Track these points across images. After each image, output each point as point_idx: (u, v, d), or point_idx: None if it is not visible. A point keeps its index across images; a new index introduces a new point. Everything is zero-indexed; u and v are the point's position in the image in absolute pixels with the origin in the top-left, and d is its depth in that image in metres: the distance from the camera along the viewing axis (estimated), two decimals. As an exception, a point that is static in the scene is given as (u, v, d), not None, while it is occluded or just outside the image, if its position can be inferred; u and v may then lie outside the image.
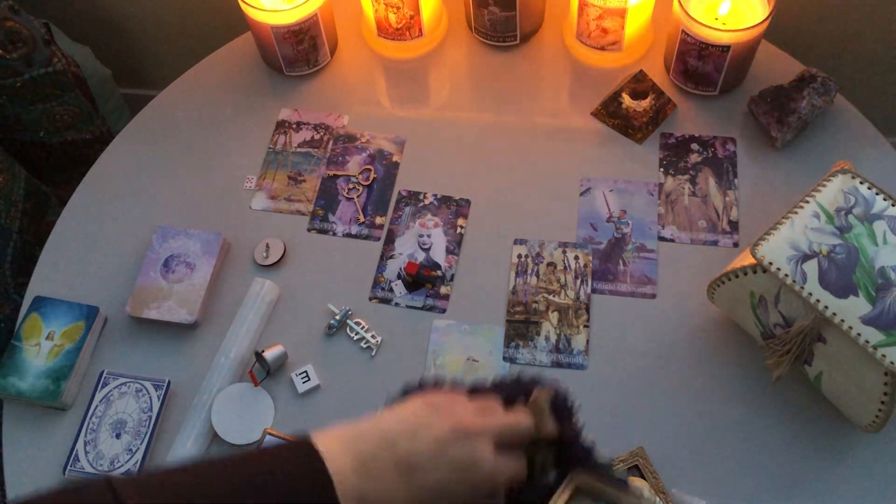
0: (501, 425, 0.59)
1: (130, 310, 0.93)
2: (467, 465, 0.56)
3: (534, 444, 0.63)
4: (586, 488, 0.64)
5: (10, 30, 1.17)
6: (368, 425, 0.56)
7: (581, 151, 1.03)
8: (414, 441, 0.55)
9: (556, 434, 0.63)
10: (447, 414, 0.57)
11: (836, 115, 1.02)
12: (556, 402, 0.64)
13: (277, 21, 1.02)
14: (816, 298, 0.74)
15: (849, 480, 0.82)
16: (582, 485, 0.64)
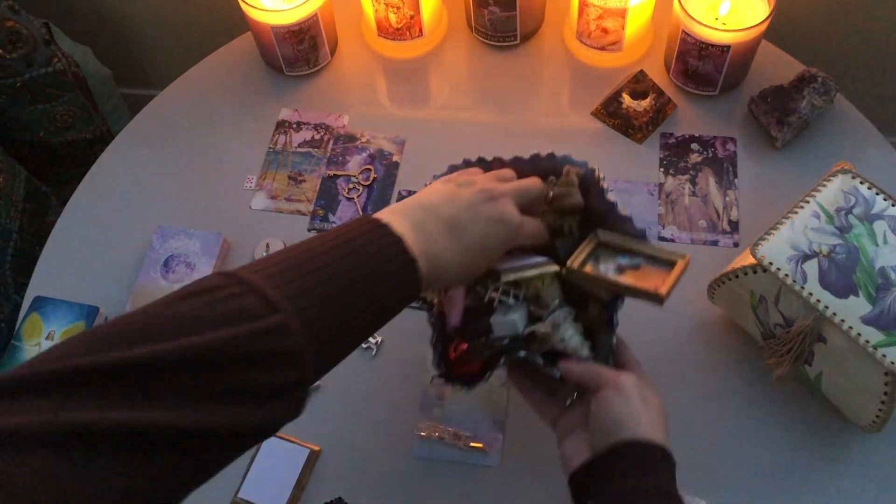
0: (518, 186, 0.69)
1: (131, 310, 0.93)
2: (498, 219, 0.64)
3: (561, 213, 0.73)
4: (609, 243, 0.73)
5: (10, 30, 1.17)
6: (409, 202, 0.63)
7: (581, 151, 1.03)
8: (451, 205, 0.63)
9: (584, 206, 0.73)
10: (469, 182, 0.66)
11: (836, 115, 1.02)
12: (584, 177, 0.74)
13: (277, 21, 1.02)
14: (816, 298, 0.74)
15: (849, 480, 0.82)
16: (605, 240, 0.73)
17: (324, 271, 0.54)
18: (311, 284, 0.53)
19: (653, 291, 0.67)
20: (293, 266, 0.53)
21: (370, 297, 0.56)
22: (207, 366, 0.47)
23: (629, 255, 0.72)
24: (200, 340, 0.47)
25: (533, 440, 0.85)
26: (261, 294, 0.50)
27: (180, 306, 0.49)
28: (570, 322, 0.71)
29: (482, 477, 0.84)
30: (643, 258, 0.72)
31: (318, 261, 0.54)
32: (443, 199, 0.64)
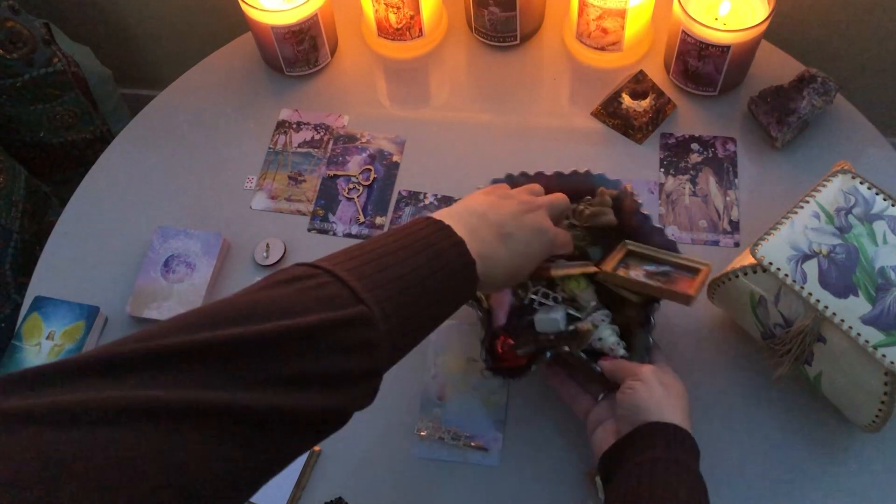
0: (551, 200, 0.75)
1: (131, 310, 0.93)
2: (538, 229, 0.71)
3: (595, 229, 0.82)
4: (636, 252, 0.81)
5: (11, 30, 1.17)
6: (459, 207, 0.69)
7: (581, 151, 1.03)
8: (498, 214, 0.69)
9: (616, 224, 0.82)
10: (509, 195, 0.73)
11: (836, 115, 1.03)
12: (617, 198, 0.82)
13: (278, 21, 1.02)
14: (816, 298, 0.74)
15: (849, 480, 0.82)
16: (633, 249, 0.81)
17: (396, 268, 0.58)
18: (387, 280, 0.56)
19: (682, 292, 0.76)
20: (369, 262, 0.57)
21: (436, 294, 0.60)
22: (298, 347, 0.49)
23: (655, 263, 0.80)
24: (293, 323, 0.49)
25: (533, 440, 0.85)
26: (347, 285, 0.54)
27: (272, 292, 0.52)
28: (608, 324, 0.80)
29: (482, 477, 0.84)
30: (669, 266, 0.80)
31: (390, 258, 0.58)
32: (490, 208, 0.69)
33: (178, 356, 0.45)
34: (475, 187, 0.79)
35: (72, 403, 0.41)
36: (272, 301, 0.51)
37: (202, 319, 0.49)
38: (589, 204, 0.83)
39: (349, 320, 0.52)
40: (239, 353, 0.47)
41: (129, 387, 0.43)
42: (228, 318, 0.49)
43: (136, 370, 0.44)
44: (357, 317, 0.52)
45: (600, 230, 0.84)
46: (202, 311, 0.50)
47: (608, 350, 0.80)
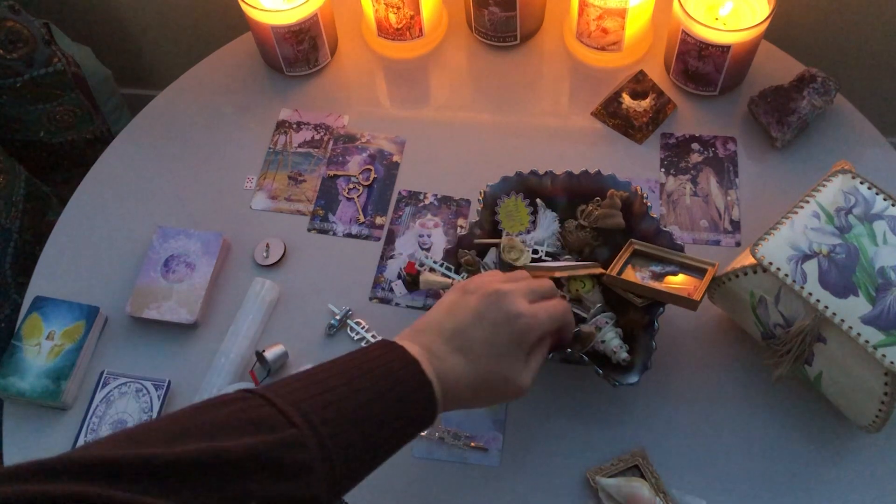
0: (529, 285, 0.69)
1: (130, 310, 0.93)
2: (503, 321, 0.64)
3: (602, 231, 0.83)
4: (643, 252, 0.82)
5: (10, 30, 1.17)
6: (421, 322, 0.66)
7: (581, 151, 1.03)
8: (455, 318, 0.65)
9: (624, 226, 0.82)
10: (477, 287, 0.67)
11: (836, 115, 1.02)
12: (626, 200, 0.83)
13: (277, 21, 1.02)
14: (816, 298, 0.74)
15: (849, 480, 0.82)
16: (639, 249, 0.82)
17: (338, 391, 0.55)
18: (326, 403, 0.54)
19: (687, 297, 0.76)
20: (309, 386, 0.55)
21: (385, 417, 0.57)
22: (227, 470, 0.48)
23: (662, 264, 0.81)
24: (221, 446, 0.48)
25: (533, 440, 0.85)
26: (279, 409, 0.52)
27: (203, 416, 0.51)
28: (612, 326, 0.80)
29: (482, 477, 0.84)
30: (675, 266, 0.80)
31: (332, 381, 0.56)
32: (447, 313, 0.66)
33: (103, 469, 0.44)
34: (475, 187, 0.79)
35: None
36: (201, 424, 0.50)
37: (132, 437, 0.48)
38: (598, 205, 0.83)
39: (279, 443, 0.50)
40: (165, 474, 0.46)
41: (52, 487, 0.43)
42: (157, 439, 0.48)
43: (62, 479, 0.43)
44: (286, 440, 0.51)
45: (608, 231, 0.84)
46: (137, 428, 0.49)
47: (611, 353, 0.80)
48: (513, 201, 0.87)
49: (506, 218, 0.87)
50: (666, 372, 0.88)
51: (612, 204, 0.83)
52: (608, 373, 0.79)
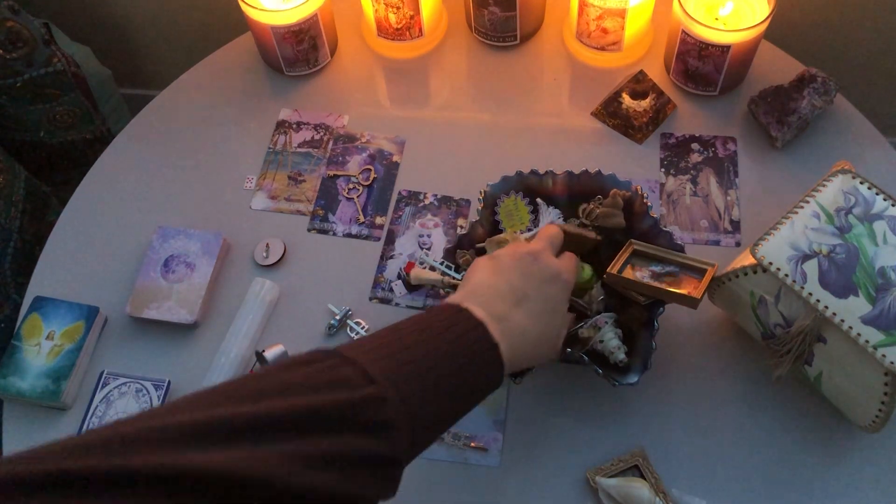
0: (549, 237, 0.74)
1: (130, 310, 0.93)
2: (549, 277, 0.69)
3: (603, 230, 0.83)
4: (642, 252, 0.81)
5: (10, 30, 1.17)
6: (470, 285, 0.67)
7: (581, 151, 1.03)
8: (503, 278, 0.67)
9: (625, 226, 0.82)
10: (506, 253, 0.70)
11: (836, 115, 1.02)
12: (628, 199, 0.83)
13: (277, 21, 1.02)
14: (816, 298, 0.74)
15: (849, 480, 0.82)
16: (639, 249, 0.81)
17: (412, 351, 0.56)
18: (402, 363, 0.54)
19: (688, 295, 0.76)
20: (383, 346, 0.55)
21: (457, 379, 0.58)
22: (309, 426, 0.48)
23: (661, 264, 0.80)
24: (304, 402, 0.48)
25: (533, 440, 0.85)
26: (359, 367, 0.52)
27: (284, 375, 0.51)
28: (612, 326, 0.80)
29: (482, 477, 0.84)
30: (674, 266, 0.80)
31: (405, 341, 0.56)
32: (492, 275, 0.67)
33: (189, 432, 0.44)
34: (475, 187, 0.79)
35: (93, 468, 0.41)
36: (282, 383, 0.50)
37: (215, 397, 0.48)
38: (599, 204, 0.83)
39: (363, 400, 0.50)
40: (251, 430, 0.46)
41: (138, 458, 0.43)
42: (242, 396, 0.48)
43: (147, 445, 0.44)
44: (368, 397, 0.51)
45: (609, 230, 0.84)
46: (216, 390, 0.49)
47: (609, 353, 0.80)
48: (512, 200, 0.87)
49: (506, 217, 0.87)
50: (666, 372, 0.88)
51: (614, 203, 0.83)
52: (608, 373, 0.79)
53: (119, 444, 0.43)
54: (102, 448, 0.43)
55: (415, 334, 0.57)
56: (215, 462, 0.43)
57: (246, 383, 0.50)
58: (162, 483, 0.41)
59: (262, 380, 0.51)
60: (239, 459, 0.44)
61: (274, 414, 0.47)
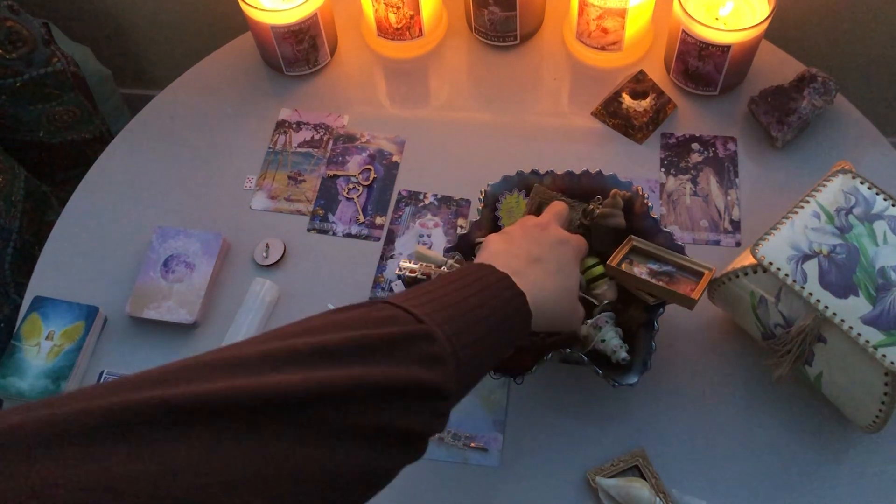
0: (556, 212, 0.78)
1: (130, 310, 0.93)
2: (558, 242, 0.72)
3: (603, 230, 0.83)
4: (641, 249, 0.81)
5: (10, 30, 1.17)
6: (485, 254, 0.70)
7: (581, 151, 1.03)
8: (522, 246, 0.70)
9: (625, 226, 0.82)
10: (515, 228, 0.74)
11: (836, 115, 1.02)
12: (628, 199, 0.83)
13: (277, 21, 1.02)
14: (817, 298, 0.74)
15: (849, 480, 0.82)
16: (638, 245, 0.81)
17: (450, 297, 0.58)
18: (441, 307, 0.57)
19: (685, 295, 0.76)
20: (422, 294, 0.58)
21: (491, 324, 0.60)
22: (371, 354, 0.50)
23: (659, 262, 0.81)
24: (367, 333, 0.50)
25: (533, 440, 0.85)
26: (405, 309, 0.55)
27: (336, 316, 0.53)
28: (612, 326, 0.80)
29: (482, 477, 0.84)
30: (672, 266, 0.80)
31: (441, 290, 0.59)
32: (511, 244, 0.71)
33: (263, 359, 0.46)
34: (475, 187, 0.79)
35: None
36: (337, 321, 0.52)
37: (281, 334, 0.50)
38: (599, 204, 0.83)
39: (415, 334, 0.52)
40: (318, 356, 0.48)
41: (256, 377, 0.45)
42: (297, 333, 0.50)
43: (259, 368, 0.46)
44: (422, 332, 0.53)
45: (609, 231, 0.84)
46: (281, 329, 0.51)
47: (610, 352, 0.80)
48: (514, 198, 0.87)
49: (506, 215, 0.87)
50: (666, 372, 0.88)
51: (614, 203, 0.83)
52: (608, 373, 0.79)
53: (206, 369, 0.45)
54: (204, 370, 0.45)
55: (447, 286, 0.60)
56: (293, 382, 0.45)
57: (299, 325, 0.52)
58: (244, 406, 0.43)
59: (316, 321, 0.52)
60: (314, 381, 0.46)
61: (340, 342, 0.49)
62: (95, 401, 0.40)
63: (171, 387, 0.42)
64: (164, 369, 0.45)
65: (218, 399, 0.42)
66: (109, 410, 0.40)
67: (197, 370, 0.45)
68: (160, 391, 0.42)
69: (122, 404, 0.40)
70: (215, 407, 0.42)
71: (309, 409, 0.45)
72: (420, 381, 0.51)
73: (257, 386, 0.44)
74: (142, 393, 0.42)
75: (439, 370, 0.53)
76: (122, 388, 0.42)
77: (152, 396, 0.41)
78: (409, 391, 0.50)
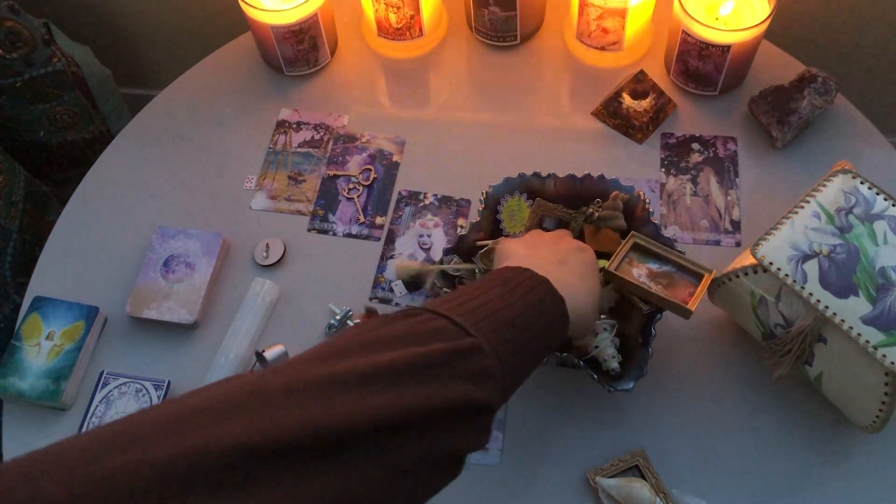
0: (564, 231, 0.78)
1: (130, 310, 0.93)
2: (578, 249, 0.72)
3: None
4: (643, 246, 0.80)
5: (10, 30, 1.17)
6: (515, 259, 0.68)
7: (581, 151, 1.03)
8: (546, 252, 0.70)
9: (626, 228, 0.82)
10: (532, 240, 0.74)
11: (836, 115, 1.02)
12: (629, 202, 0.83)
13: (277, 21, 1.02)
14: (817, 298, 0.74)
15: (849, 480, 0.82)
16: (639, 243, 0.80)
17: (493, 304, 0.58)
18: (487, 314, 0.56)
19: (682, 305, 0.76)
20: (467, 301, 0.57)
21: (534, 330, 0.59)
22: (428, 373, 0.49)
23: (659, 262, 0.80)
24: (418, 351, 0.50)
25: (533, 440, 0.85)
26: (452, 321, 0.54)
27: (383, 330, 0.52)
28: (610, 333, 0.79)
29: (482, 477, 0.84)
30: (672, 266, 0.79)
31: (485, 297, 0.58)
32: (535, 249, 0.71)
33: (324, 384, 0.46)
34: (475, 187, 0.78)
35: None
36: (385, 336, 0.52)
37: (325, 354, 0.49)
38: (600, 207, 0.83)
39: (464, 349, 0.52)
40: (378, 378, 0.47)
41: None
42: (351, 350, 0.49)
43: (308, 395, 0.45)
44: (467, 347, 0.52)
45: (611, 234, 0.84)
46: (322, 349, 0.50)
47: (602, 360, 0.79)
48: (516, 201, 0.86)
49: (507, 217, 0.87)
50: (666, 372, 0.88)
51: (614, 206, 0.83)
52: (603, 378, 0.79)
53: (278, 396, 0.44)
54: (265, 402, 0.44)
55: (490, 291, 0.59)
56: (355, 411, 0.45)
57: (357, 338, 0.51)
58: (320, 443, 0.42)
59: (363, 335, 0.52)
60: (368, 407, 0.45)
61: (396, 363, 0.48)
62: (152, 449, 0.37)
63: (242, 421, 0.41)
64: (230, 395, 0.43)
65: (296, 438, 0.41)
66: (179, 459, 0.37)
67: (265, 397, 0.44)
68: (231, 428, 0.40)
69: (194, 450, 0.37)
70: (295, 446, 0.41)
71: (365, 440, 0.45)
72: (471, 400, 0.50)
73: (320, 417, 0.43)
74: (213, 430, 0.39)
75: (489, 385, 0.52)
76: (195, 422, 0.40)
77: (226, 438, 0.39)
78: (460, 411, 0.50)
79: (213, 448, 0.38)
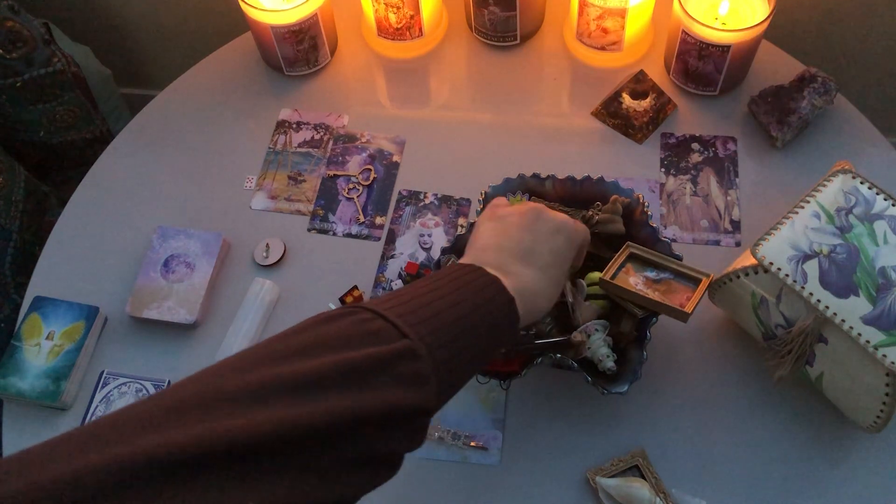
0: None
1: (130, 310, 0.93)
2: (555, 229, 0.68)
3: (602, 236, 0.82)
4: (639, 255, 0.80)
5: (10, 30, 1.17)
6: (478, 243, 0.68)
7: (581, 151, 1.03)
8: (510, 237, 0.67)
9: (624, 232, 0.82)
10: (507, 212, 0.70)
11: (836, 115, 1.02)
12: (628, 206, 0.83)
13: (277, 21, 1.02)
14: (817, 299, 0.74)
15: (850, 481, 0.82)
16: (635, 252, 0.80)
17: (435, 305, 0.57)
18: (428, 316, 0.55)
19: (679, 308, 0.75)
20: (409, 301, 0.56)
21: (478, 330, 0.58)
22: (356, 379, 0.49)
23: (656, 269, 0.80)
24: (347, 357, 0.49)
25: (533, 440, 0.85)
26: (389, 321, 0.53)
27: (318, 330, 0.52)
28: (602, 333, 0.79)
29: (482, 477, 0.84)
30: (669, 273, 0.79)
31: (428, 296, 0.57)
32: (500, 236, 0.68)
33: (244, 395, 0.46)
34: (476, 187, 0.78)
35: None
36: (319, 338, 0.51)
37: (267, 354, 0.49)
38: (599, 210, 0.83)
39: (397, 352, 0.51)
40: (302, 388, 0.47)
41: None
42: (282, 355, 0.49)
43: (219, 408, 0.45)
44: (404, 349, 0.52)
45: (607, 237, 0.84)
46: (264, 346, 0.50)
47: (598, 361, 0.79)
48: (517, 200, 0.86)
49: None
50: (666, 372, 0.88)
51: (613, 209, 0.82)
52: (597, 380, 0.79)
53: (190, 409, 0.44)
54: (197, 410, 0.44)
55: (435, 291, 0.58)
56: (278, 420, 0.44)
57: (288, 340, 0.51)
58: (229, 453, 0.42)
59: (299, 336, 0.51)
60: (295, 416, 0.45)
61: (321, 370, 0.48)
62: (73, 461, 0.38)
63: (156, 432, 0.41)
64: (145, 410, 0.44)
65: (203, 450, 0.41)
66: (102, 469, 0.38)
67: (182, 412, 0.44)
68: (142, 441, 0.41)
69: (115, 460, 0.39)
70: (201, 458, 0.41)
71: (294, 448, 0.44)
72: (403, 405, 0.50)
73: (241, 428, 0.43)
74: (128, 445, 0.40)
75: (422, 389, 0.52)
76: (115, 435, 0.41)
77: (136, 450, 0.40)
78: (392, 416, 0.50)
79: (126, 461, 0.39)
